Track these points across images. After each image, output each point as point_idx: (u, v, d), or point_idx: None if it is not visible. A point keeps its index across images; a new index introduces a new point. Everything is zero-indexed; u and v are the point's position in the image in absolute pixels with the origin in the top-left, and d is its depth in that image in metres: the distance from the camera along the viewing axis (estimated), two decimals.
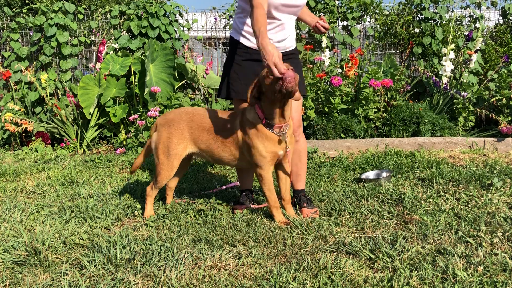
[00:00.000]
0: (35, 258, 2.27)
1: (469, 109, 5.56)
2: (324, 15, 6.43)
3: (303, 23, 6.25)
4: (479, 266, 2.01)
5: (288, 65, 2.40)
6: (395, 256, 2.16)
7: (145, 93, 5.44)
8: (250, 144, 2.65)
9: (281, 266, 2.11)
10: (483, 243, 2.27)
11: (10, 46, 6.30)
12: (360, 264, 2.13)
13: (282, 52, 2.79)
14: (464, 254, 2.17)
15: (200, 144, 2.83)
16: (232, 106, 4.91)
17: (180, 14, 6.58)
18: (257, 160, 2.66)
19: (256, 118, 2.63)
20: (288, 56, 2.88)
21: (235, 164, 2.85)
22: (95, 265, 2.17)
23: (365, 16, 6.69)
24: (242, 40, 2.81)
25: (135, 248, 2.33)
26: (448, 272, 1.99)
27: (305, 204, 2.92)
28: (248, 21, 2.75)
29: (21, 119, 5.38)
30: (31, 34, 6.35)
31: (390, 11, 6.85)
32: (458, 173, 3.63)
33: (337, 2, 6.46)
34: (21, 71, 6.05)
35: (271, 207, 2.74)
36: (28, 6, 6.50)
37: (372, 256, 2.18)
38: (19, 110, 5.66)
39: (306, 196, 2.99)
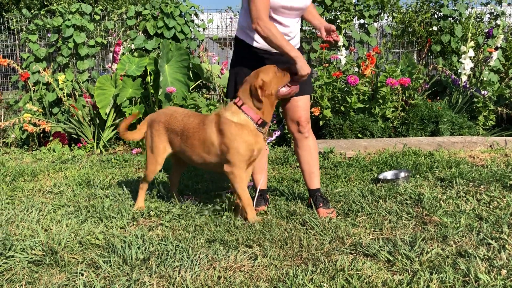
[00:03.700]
0: (51, 258, 2.27)
1: (490, 108, 5.45)
2: (340, 14, 6.36)
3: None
4: (503, 269, 1.95)
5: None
6: (414, 258, 2.10)
7: (159, 94, 5.45)
8: (229, 146, 2.67)
9: (297, 268, 2.07)
10: (506, 245, 2.20)
11: (29, 47, 6.39)
12: (378, 266, 2.08)
13: None
14: (486, 256, 2.10)
15: (174, 146, 2.96)
16: None
17: (196, 14, 6.58)
18: (233, 160, 2.68)
19: (246, 119, 2.66)
20: None
21: (206, 167, 2.95)
22: (110, 265, 2.17)
23: (382, 14, 6.60)
24: (249, 41, 2.83)
25: (150, 248, 2.32)
26: (470, 275, 1.93)
27: (321, 204, 2.88)
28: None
29: (39, 120, 5.44)
30: (49, 35, 6.43)
31: (407, 8, 6.75)
32: (479, 173, 3.54)
33: (353, 0, 6.39)
34: (39, 72, 6.13)
35: (245, 206, 2.74)
36: (46, 8, 6.58)
37: (391, 258, 2.13)
38: (37, 110, 5.73)
39: (322, 196, 2.95)
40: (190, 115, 2.92)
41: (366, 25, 6.48)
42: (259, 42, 2.79)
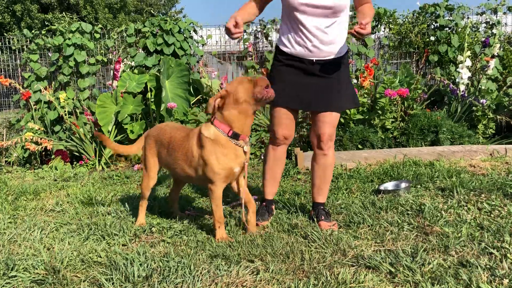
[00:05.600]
0: (54, 277, 2.28)
1: (489, 116, 5.47)
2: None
3: None
4: (505, 279, 1.95)
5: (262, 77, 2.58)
6: (416, 269, 2.10)
7: (161, 109, 5.49)
8: (205, 161, 2.67)
9: (299, 282, 2.07)
10: (508, 255, 2.21)
11: (30, 67, 6.45)
12: (380, 278, 2.08)
13: (321, 60, 2.72)
14: (488, 266, 2.10)
15: (161, 159, 2.99)
16: None
17: (195, 30, 6.65)
18: (210, 177, 2.68)
19: (217, 133, 2.63)
20: (331, 64, 2.74)
21: (191, 181, 2.96)
22: (113, 283, 2.17)
23: (379, 25, 6.66)
24: (281, 46, 2.85)
25: (152, 265, 2.32)
26: (472, 285, 1.93)
27: (322, 217, 2.88)
28: (285, 27, 2.81)
29: (41, 138, 5.47)
30: (50, 54, 6.49)
31: (404, 20, 6.81)
32: (480, 182, 3.54)
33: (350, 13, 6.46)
34: (40, 91, 6.18)
35: (215, 222, 2.74)
36: (47, 28, 6.66)
37: (393, 270, 2.13)
38: (39, 129, 5.76)
39: (324, 209, 2.96)
40: (178, 128, 2.96)
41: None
42: (289, 48, 2.78)
